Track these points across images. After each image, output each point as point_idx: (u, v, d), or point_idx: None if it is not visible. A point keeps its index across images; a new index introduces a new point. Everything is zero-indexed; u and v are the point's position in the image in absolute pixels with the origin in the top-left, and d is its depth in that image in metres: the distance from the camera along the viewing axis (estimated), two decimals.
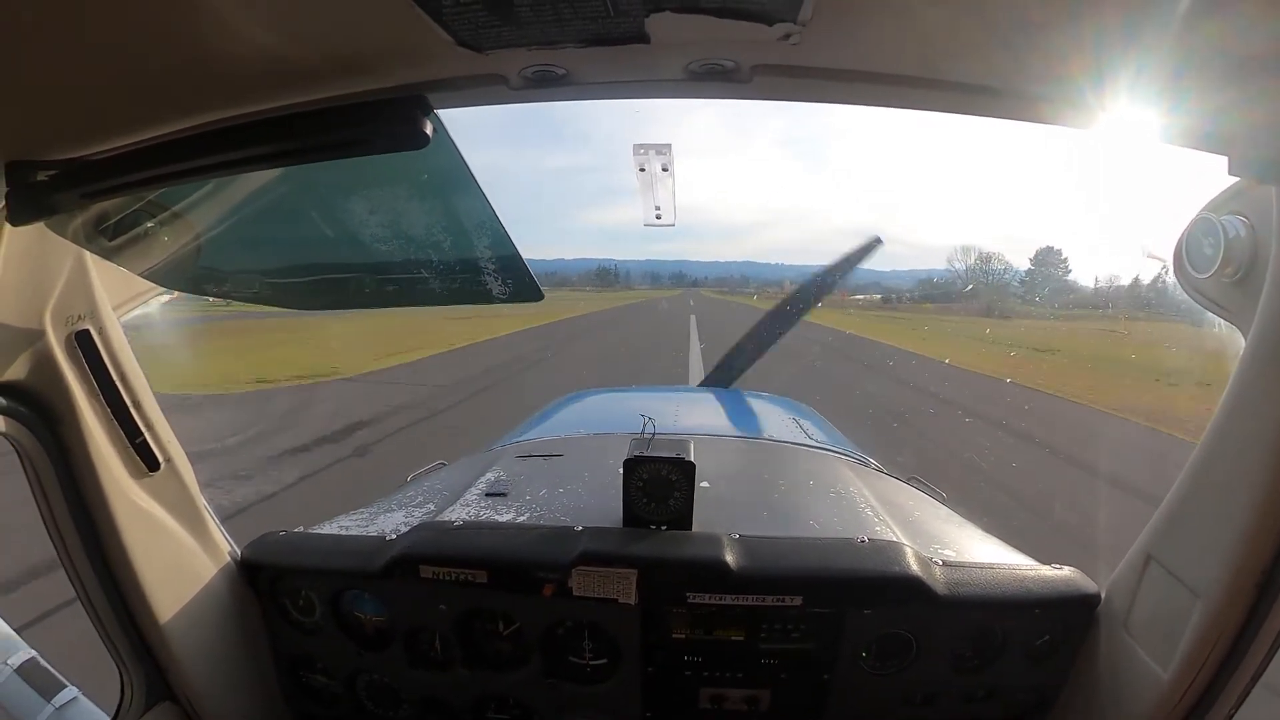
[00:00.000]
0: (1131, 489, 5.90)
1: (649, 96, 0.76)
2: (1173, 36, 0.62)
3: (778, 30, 0.63)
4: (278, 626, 1.48)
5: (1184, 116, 0.79)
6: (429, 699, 1.47)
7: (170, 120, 0.80)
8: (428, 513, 1.55)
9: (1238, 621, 1.04)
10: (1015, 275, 51.12)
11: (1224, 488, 1.05)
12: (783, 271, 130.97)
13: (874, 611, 1.30)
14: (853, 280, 79.36)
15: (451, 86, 0.74)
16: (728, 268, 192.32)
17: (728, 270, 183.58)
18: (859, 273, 36.65)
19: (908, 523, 1.53)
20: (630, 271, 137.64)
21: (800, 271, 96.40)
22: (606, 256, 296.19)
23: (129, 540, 1.17)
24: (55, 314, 1.06)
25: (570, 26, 0.63)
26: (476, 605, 1.37)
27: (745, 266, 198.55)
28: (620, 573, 1.27)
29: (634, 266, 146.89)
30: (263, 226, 1.08)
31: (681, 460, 1.32)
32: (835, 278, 3.37)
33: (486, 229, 0.99)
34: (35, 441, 1.08)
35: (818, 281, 3.46)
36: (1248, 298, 1.03)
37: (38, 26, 0.59)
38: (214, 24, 0.61)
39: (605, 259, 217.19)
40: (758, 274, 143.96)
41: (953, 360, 17.05)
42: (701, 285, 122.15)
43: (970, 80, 0.75)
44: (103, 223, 1.02)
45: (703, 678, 1.38)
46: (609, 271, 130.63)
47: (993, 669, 1.35)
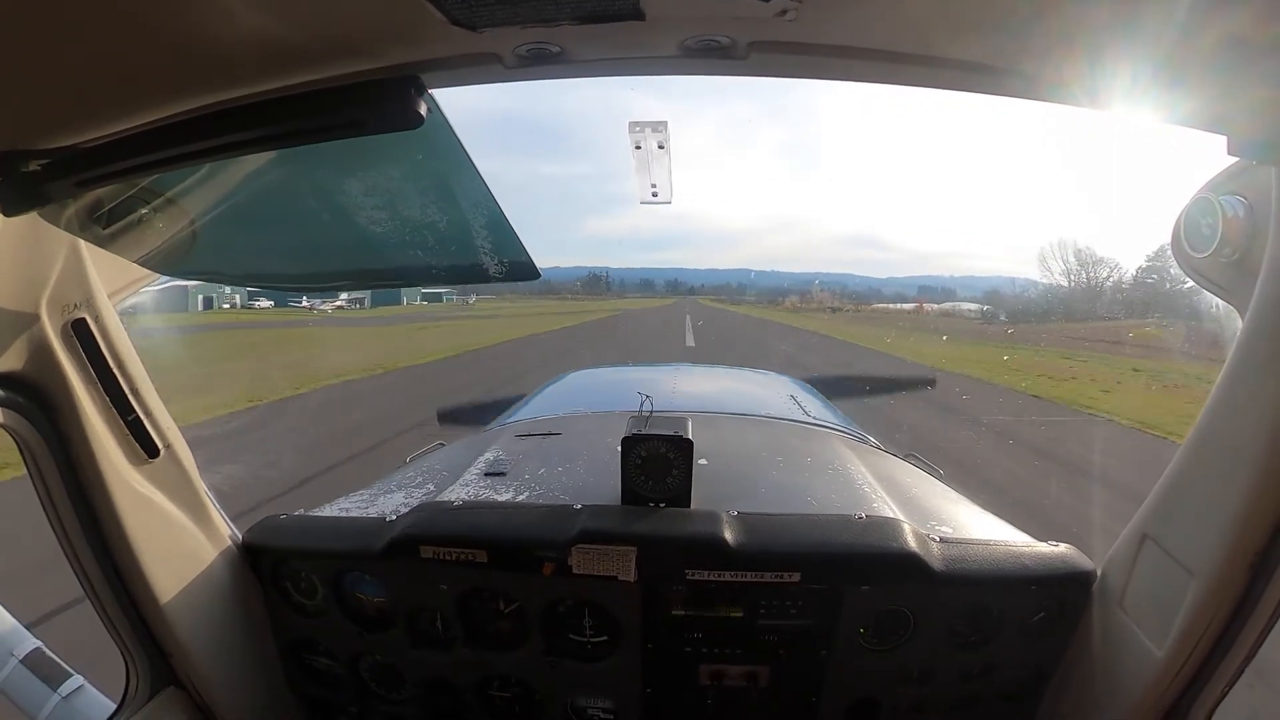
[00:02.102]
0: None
1: (644, 74, 0.75)
2: (1174, 17, 0.61)
3: (774, 6, 0.62)
4: (280, 610, 1.49)
5: (1184, 96, 0.79)
6: (431, 679, 1.48)
7: (162, 105, 0.79)
8: (427, 493, 1.56)
9: (1232, 600, 1.05)
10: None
11: (1219, 467, 1.06)
12: (780, 279, 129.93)
13: (871, 588, 1.31)
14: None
15: (446, 66, 0.73)
16: (726, 275, 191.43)
17: (726, 278, 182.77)
18: (853, 279, 33.63)
19: (905, 499, 1.54)
20: (623, 279, 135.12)
21: (798, 278, 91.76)
22: (602, 265, 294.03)
23: (130, 527, 1.17)
24: (51, 303, 1.06)
25: (565, 4, 0.62)
26: (477, 584, 1.38)
27: (742, 274, 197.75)
28: (620, 550, 1.28)
29: (628, 274, 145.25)
30: (257, 209, 1.07)
31: (679, 438, 1.33)
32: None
33: (482, 209, 0.98)
34: (34, 431, 1.08)
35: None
36: (1245, 277, 1.03)
37: (26, 15, 0.58)
38: (205, 6, 0.60)
39: (599, 267, 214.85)
40: (757, 282, 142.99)
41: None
42: (699, 293, 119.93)
43: (968, 58, 0.74)
44: (97, 210, 1.01)
45: (702, 654, 1.39)
46: (599, 279, 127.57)
47: (989, 645, 1.36)
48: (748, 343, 23.30)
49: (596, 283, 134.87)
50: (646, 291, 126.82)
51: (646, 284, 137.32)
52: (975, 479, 5.57)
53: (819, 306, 58.30)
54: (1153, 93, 0.78)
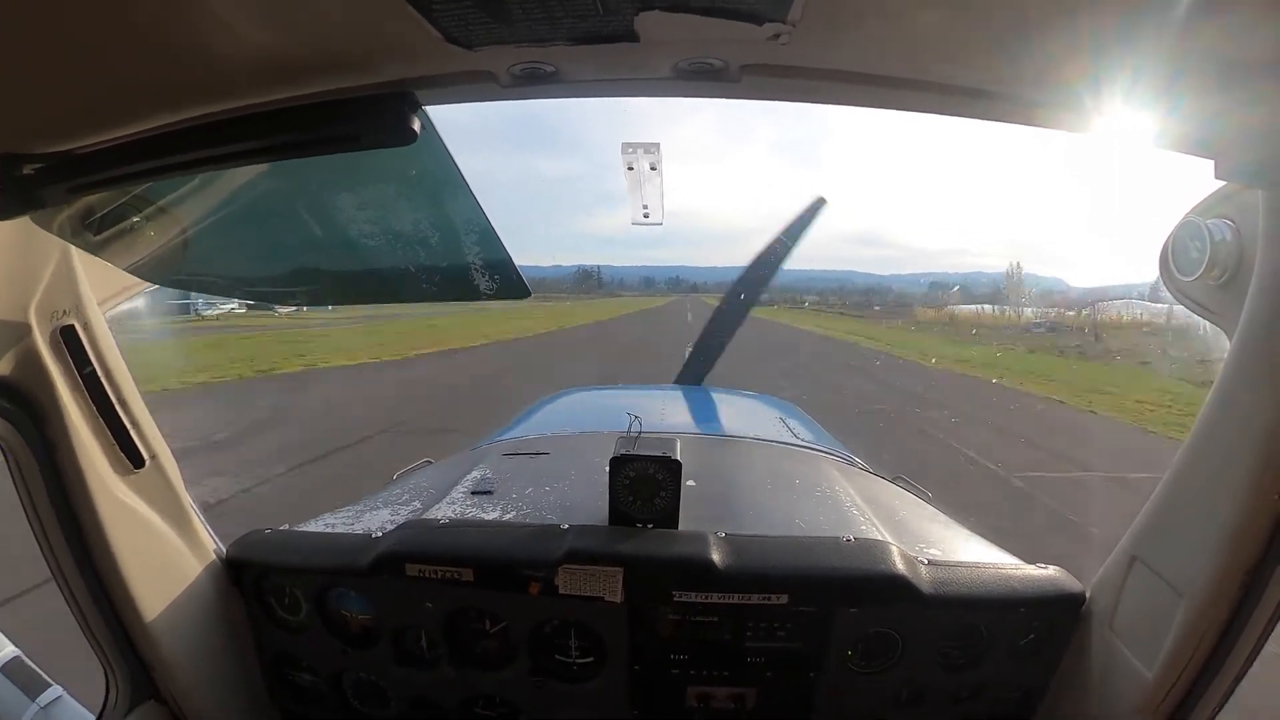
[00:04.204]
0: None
1: (638, 95, 0.76)
2: (1163, 42, 0.62)
3: (767, 30, 0.63)
4: (263, 624, 1.47)
5: (1172, 120, 0.80)
6: (416, 697, 1.46)
7: (158, 114, 0.79)
8: (414, 511, 1.55)
9: (1222, 621, 1.05)
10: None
11: (1208, 488, 1.06)
12: (783, 275, 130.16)
13: (860, 610, 1.30)
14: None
15: (440, 83, 0.74)
16: (727, 272, 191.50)
17: (727, 275, 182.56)
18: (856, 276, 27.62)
19: (893, 522, 1.54)
20: (623, 278, 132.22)
21: (800, 275, 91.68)
22: (604, 263, 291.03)
23: (114, 537, 1.16)
24: (40, 309, 1.05)
25: (560, 24, 0.62)
26: (463, 603, 1.37)
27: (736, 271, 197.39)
28: (606, 571, 1.27)
29: (627, 272, 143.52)
30: (249, 221, 1.07)
31: (668, 459, 1.32)
32: (788, 244, 3.30)
33: (474, 226, 0.99)
34: (19, 437, 1.07)
35: (770, 253, 3.32)
36: (1233, 300, 1.04)
37: (25, 19, 0.58)
38: (203, 18, 0.60)
39: (597, 265, 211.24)
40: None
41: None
42: (701, 290, 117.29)
43: (960, 83, 0.75)
44: (89, 217, 1.01)
45: (689, 676, 1.38)
46: (589, 275, 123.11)
47: (979, 668, 1.36)
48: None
49: (587, 279, 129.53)
50: (646, 290, 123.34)
51: (647, 281, 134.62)
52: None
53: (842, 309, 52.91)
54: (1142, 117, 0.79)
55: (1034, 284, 61.98)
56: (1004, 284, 66.32)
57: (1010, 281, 64.61)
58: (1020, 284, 62.65)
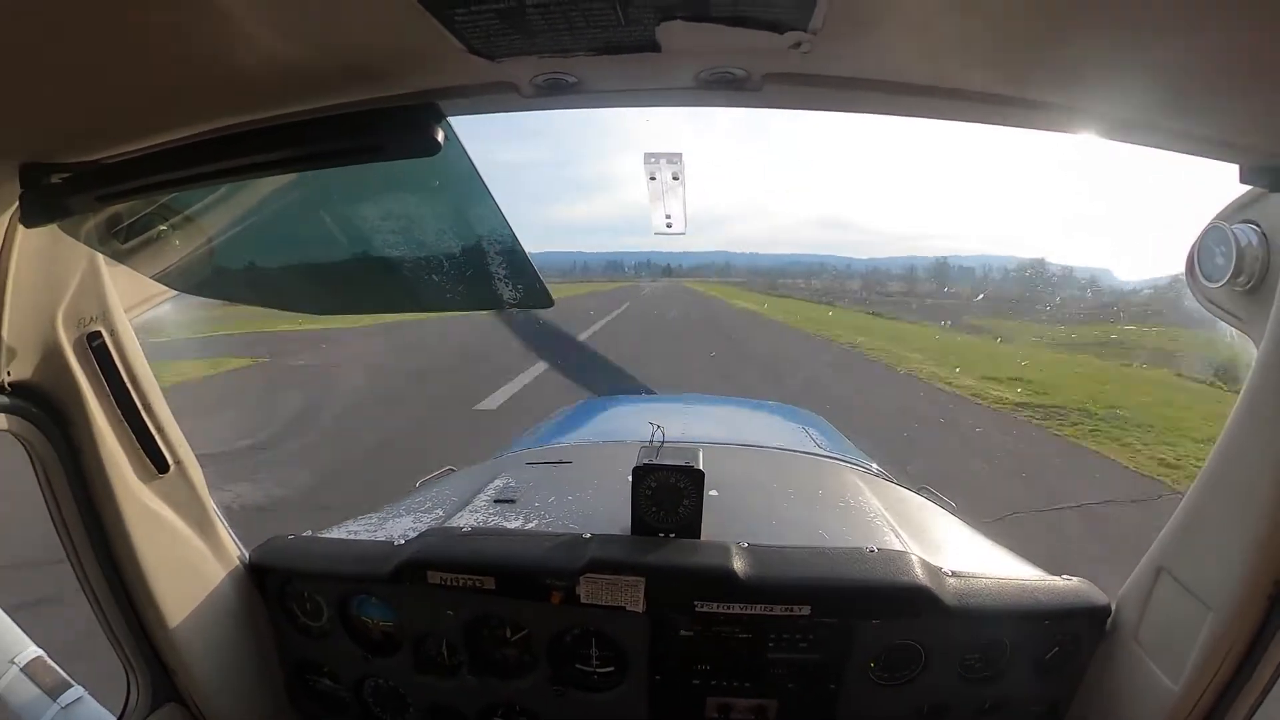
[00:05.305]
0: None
1: (660, 105, 0.76)
2: (1183, 44, 0.62)
3: (789, 39, 0.63)
4: (285, 630, 1.48)
5: (1195, 124, 0.79)
6: (436, 705, 1.46)
7: (184, 125, 0.81)
8: (436, 518, 1.55)
9: (1249, 634, 1.03)
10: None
11: (1236, 499, 1.04)
12: (757, 260, 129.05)
13: (883, 622, 1.29)
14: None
15: (463, 94, 0.74)
16: (702, 257, 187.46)
17: (703, 259, 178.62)
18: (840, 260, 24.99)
19: (918, 533, 1.52)
20: (587, 263, 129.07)
21: (775, 259, 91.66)
22: (576, 250, 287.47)
23: (137, 542, 1.17)
24: (67, 316, 1.07)
25: (581, 35, 0.63)
26: (484, 611, 1.37)
27: (717, 255, 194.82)
28: (628, 580, 1.26)
29: (592, 258, 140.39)
30: (274, 230, 1.08)
31: (690, 468, 1.31)
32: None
33: (497, 235, 0.99)
34: (45, 442, 1.08)
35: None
36: (1260, 306, 1.02)
37: (53, 30, 0.59)
38: (229, 31, 0.61)
39: (574, 252, 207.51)
40: (736, 263, 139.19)
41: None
42: (675, 273, 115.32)
43: (981, 89, 0.75)
44: (115, 225, 1.02)
45: (710, 687, 1.36)
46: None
47: (1002, 680, 1.33)
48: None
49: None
50: (612, 274, 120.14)
51: (616, 265, 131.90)
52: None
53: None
54: (1163, 121, 0.78)
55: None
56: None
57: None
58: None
